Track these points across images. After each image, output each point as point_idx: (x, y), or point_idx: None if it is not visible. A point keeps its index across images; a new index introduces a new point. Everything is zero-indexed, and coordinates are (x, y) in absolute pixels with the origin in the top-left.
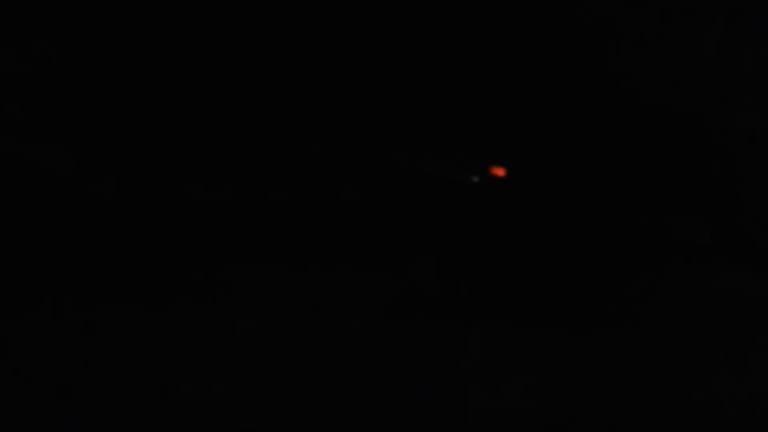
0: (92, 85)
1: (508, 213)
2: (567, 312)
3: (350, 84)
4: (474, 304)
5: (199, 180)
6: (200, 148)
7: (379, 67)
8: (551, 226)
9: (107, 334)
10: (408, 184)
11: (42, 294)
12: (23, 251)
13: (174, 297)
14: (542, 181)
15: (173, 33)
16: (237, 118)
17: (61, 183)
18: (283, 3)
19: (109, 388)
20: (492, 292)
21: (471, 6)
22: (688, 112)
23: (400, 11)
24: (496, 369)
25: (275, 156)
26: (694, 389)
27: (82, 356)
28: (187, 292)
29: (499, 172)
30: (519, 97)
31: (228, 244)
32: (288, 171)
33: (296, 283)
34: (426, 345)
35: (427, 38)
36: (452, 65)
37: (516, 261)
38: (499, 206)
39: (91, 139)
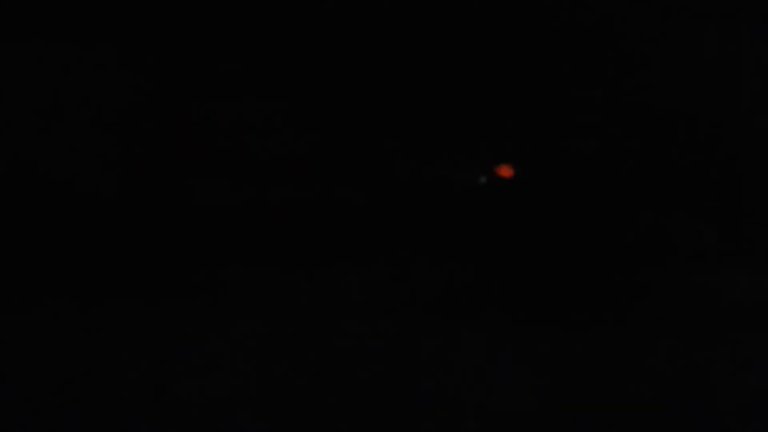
0: (94, 86)
1: (509, 213)
2: (567, 312)
3: (353, 84)
4: (474, 304)
5: (199, 180)
6: (201, 149)
7: (381, 67)
8: (554, 226)
9: (107, 334)
10: (410, 185)
11: (42, 294)
12: (23, 251)
13: (174, 297)
14: (545, 182)
15: (173, 33)
16: (239, 119)
17: (61, 183)
18: (285, 3)
19: (109, 387)
20: (492, 292)
21: (473, 8)
22: (688, 112)
23: (405, 14)
24: (496, 369)
25: (276, 156)
26: (694, 389)
27: (82, 356)
28: (187, 292)
29: (506, 172)
30: (521, 98)
31: (228, 245)
32: (289, 171)
33: (296, 283)
34: (425, 345)
35: (431, 40)
36: (454, 67)
37: (517, 261)
38: (500, 207)
39: (91, 139)
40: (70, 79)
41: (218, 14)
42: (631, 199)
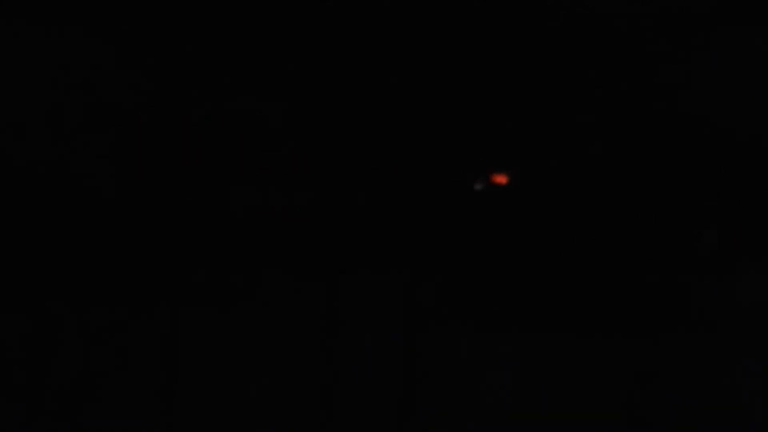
0: (94, 86)
1: (509, 216)
2: (567, 314)
3: (354, 85)
4: (474, 306)
5: (199, 180)
6: (201, 149)
7: (381, 68)
8: (553, 229)
9: (108, 334)
10: (410, 188)
11: (42, 294)
12: (24, 252)
13: (174, 298)
14: (544, 184)
15: (173, 33)
16: (239, 119)
17: (61, 183)
18: (285, 3)
19: (110, 387)
20: (492, 294)
21: (473, 8)
22: (688, 112)
23: (405, 15)
24: (496, 369)
25: (275, 156)
26: (695, 389)
27: (82, 356)
28: (187, 292)
29: (501, 179)
30: (521, 99)
31: (228, 245)
32: (289, 172)
33: (296, 284)
34: (425, 345)
35: (431, 41)
36: (453, 68)
37: (517, 263)
38: (500, 209)
39: (91, 139)
40: (70, 79)
41: (218, 14)
42: (631, 200)
